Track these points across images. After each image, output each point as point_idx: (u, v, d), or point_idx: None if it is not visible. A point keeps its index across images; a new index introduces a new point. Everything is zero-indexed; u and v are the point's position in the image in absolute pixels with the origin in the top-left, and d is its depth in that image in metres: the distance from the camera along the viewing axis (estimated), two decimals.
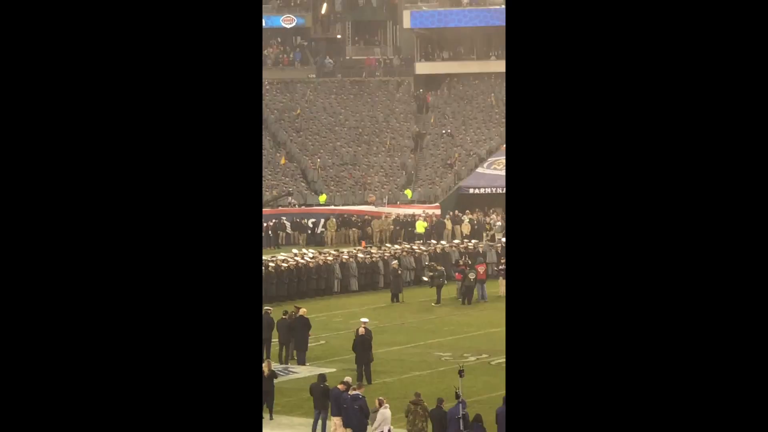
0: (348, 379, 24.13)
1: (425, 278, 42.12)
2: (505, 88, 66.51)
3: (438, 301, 39.82)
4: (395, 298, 40.51)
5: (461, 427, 19.70)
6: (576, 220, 8.75)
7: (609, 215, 8.69)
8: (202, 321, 8.86)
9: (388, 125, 65.15)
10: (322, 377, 24.60)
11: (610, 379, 8.63)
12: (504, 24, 63.68)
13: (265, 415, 24.05)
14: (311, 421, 24.06)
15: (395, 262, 41.91)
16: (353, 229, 55.52)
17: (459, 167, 60.01)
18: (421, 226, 53.32)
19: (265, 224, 51.27)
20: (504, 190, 56.97)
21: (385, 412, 21.94)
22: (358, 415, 22.55)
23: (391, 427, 21.89)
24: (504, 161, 59.40)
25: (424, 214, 55.18)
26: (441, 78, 69.33)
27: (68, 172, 8.83)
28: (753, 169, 8.50)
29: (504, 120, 63.60)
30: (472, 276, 39.84)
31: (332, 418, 23.37)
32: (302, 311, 30.80)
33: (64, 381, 8.70)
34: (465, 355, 30.86)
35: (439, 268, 41.21)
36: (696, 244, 8.58)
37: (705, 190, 8.45)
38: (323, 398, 23.69)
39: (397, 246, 46.51)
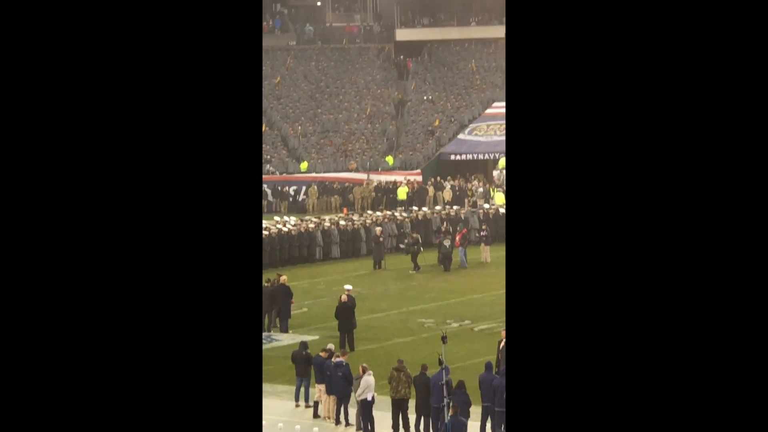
0: (331, 346, 24.13)
1: (401, 246, 42.06)
2: (489, 55, 66.39)
3: (414, 269, 39.75)
4: (377, 265, 40.47)
5: (445, 394, 19.70)
6: (576, 187, 8.67)
7: (611, 179, 8.62)
8: (202, 292, 8.78)
9: (368, 92, 64.95)
10: (303, 345, 24.60)
11: (612, 351, 8.58)
12: None
13: None
14: (294, 388, 24.07)
15: (378, 228, 41.85)
16: (335, 196, 55.45)
17: (440, 134, 59.89)
18: (402, 193, 53.25)
19: None
20: (486, 156, 56.97)
21: (368, 379, 21.95)
22: (341, 382, 22.56)
23: (375, 393, 21.91)
24: (486, 127, 59.31)
25: (405, 181, 55.09)
26: (422, 44, 69.09)
27: (65, 159, 8.75)
28: (753, 169, 8.45)
29: (485, 86, 63.56)
30: (447, 243, 39.77)
31: (315, 385, 23.38)
32: (284, 279, 30.79)
33: (59, 360, 8.63)
34: (448, 321, 30.88)
35: (414, 236, 41.15)
36: (698, 226, 8.52)
37: (706, 178, 8.39)
38: (306, 365, 23.69)
39: (378, 213, 46.43)
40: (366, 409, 21.86)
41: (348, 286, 30.08)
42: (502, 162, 54.81)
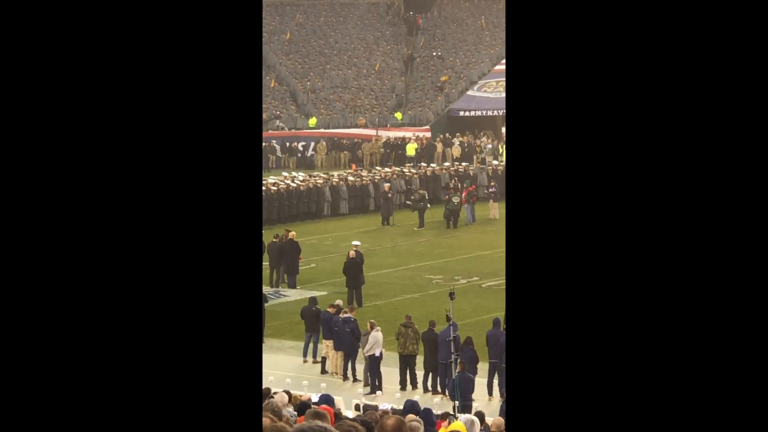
0: (339, 302, 24.18)
1: (408, 202, 42.02)
2: (499, 11, 66.09)
3: (421, 225, 39.70)
4: (386, 221, 40.46)
5: (452, 350, 19.75)
6: (577, 146, 8.61)
7: (613, 140, 8.56)
8: (202, 250, 8.77)
9: (378, 48, 64.73)
10: (313, 300, 24.65)
11: (611, 312, 8.54)
12: None
13: None
14: (302, 344, 24.12)
15: (387, 185, 41.78)
16: (344, 152, 55.36)
17: (449, 90, 59.73)
18: (411, 149, 53.15)
19: None
20: (495, 113, 56.82)
21: (376, 335, 21.99)
22: (349, 338, 22.61)
23: (383, 349, 21.97)
24: (495, 84, 59.14)
25: (414, 137, 54.99)
26: (431, 0, 68.78)
27: (63, 149, 8.73)
28: (754, 169, 8.39)
29: (494, 42, 63.32)
30: (456, 200, 39.71)
31: (323, 341, 23.44)
32: (292, 234, 30.78)
33: (58, 349, 8.65)
34: (456, 277, 30.90)
35: (420, 192, 41.05)
36: (705, 213, 8.48)
37: (716, 173, 8.35)
38: (314, 321, 23.74)
39: (387, 169, 46.37)
40: (374, 364, 21.92)
41: (356, 242, 30.08)
42: None
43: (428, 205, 40.07)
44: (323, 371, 23.26)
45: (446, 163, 48.88)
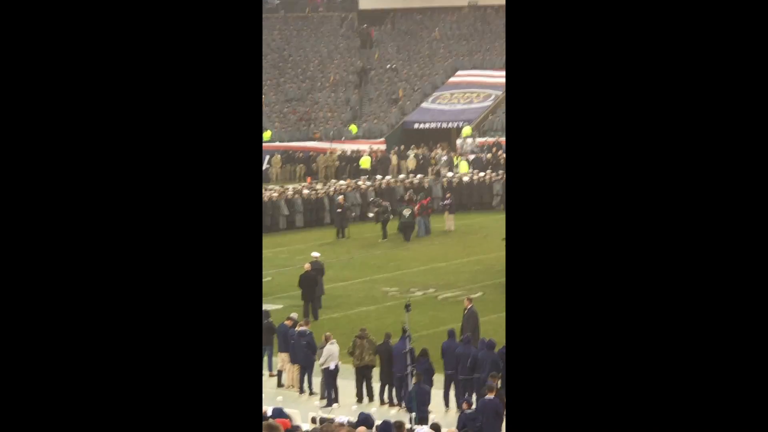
0: (294, 315, 24.11)
1: (370, 214, 41.99)
2: (452, 23, 66.24)
3: (384, 237, 39.72)
4: (340, 234, 40.40)
5: (408, 362, 19.73)
6: (575, 155, 8.62)
7: (615, 141, 8.58)
8: (201, 261, 8.79)
9: (332, 61, 64.75)
10: (266, 314, 24.56)
11: (612, 318, 8.58)
12: None
13: None
14: None
15: (340, 197, 41.74)
16: (299, 165, 55.29)
17: (404, 102, 59.79)
18: (366, 162, 53.14)
19: None
20: (449, 125, 56.93)
21: (331, 348, 21.94)
22: (304, 351, 22.55)
23: (339, 362, 21.91)
24: (449, 96, 59.26)
25: (369, 150, 55.00)
26: (385, 13, 68.87)
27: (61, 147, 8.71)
28: (754, 169, 8.45)
29: (448, 54, 63.45)
30: (407, 212, 39.67)
31: (279, 354, 23.37)
32: None
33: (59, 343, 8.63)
34: (411, 290, 30.88)
35: (384, 203, 41.04)
36: (704, 209, 8.52)
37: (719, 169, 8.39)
38: (268, 334, 23.63)
39: (342, 182, 46.32)
40: (329, 377, 21.86)
41: (315, 254, 30.02)
42: (466, 130, 54.81)
43: (391, 217, 40.07)
44: (279, 384, 23.19)
45: (401, 176, 48.89)
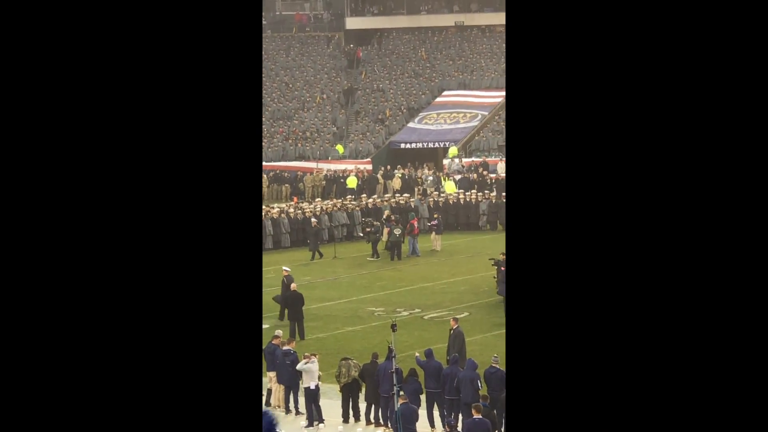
0: (279, 332, 24.03)
1: (361, 233, 41.88)
2: (438, 43, 66.34)
3: (374, 256, 39.62)
4: (314, 255, 39.88)
5: (395, 382, 19.66)
6: (577, 165, 8.58)
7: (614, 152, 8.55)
8: (202, 273, 8.77)
9: (318, 81, 64.79)
10: None
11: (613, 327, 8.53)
12: None
13: None
14: None
15: (314, 220, 41.42)
16: (285, 185, 55.23)
17: (390, 122, 59.82)
18: (352, 182, 53.08)
19: None
20: (436, 145, 56.94)
21: (310, 367, 21.84)
22: (289, 371, 22.47)
23: (319, 382, 21.81)
24: (436, 116, 59.31)
25: (355, 170, 54.97)
26: (371, 33, 69.00)
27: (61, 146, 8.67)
28: (754, 169, 8.44)
29: (435, 74, 63.54)
30: (397, 232, 39.64)
31: (267, 373, 23.28)
32: None
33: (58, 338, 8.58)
34: (398, 310, 30.82)
35: (375, 223, 40.92)
36: (704, 211, 8.49)
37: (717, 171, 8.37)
38: None
39: (328, 201, 46.24)
40: (310, 397, 21.77)
41: (286, 268, 29.96)
42: (452, 150, 54.84)
43: (381, 236, 39.98)
44: (267, 403, 23.10)
45: (387, 195, 48.85)
